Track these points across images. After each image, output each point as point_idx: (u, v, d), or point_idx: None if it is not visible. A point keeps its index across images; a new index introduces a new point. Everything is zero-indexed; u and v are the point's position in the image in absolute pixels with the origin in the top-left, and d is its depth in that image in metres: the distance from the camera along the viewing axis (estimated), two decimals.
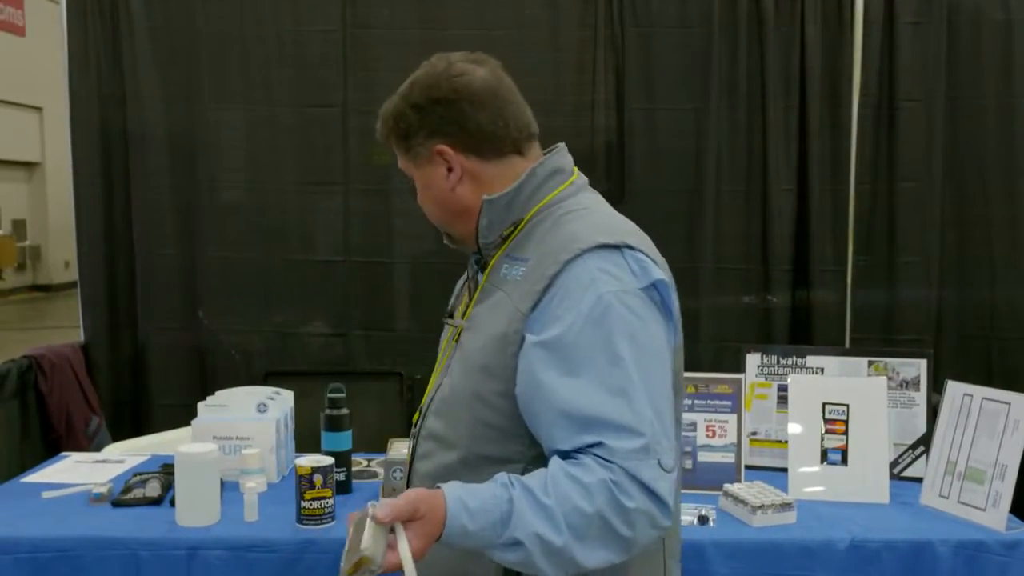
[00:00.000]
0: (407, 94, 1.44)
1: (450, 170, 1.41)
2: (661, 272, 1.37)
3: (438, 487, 1.23)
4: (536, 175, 1.42)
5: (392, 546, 1.18)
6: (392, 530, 1.18)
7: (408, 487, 1.40)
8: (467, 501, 1.20)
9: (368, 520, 1.17)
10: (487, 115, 1.40)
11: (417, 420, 1.50)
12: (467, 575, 1.34)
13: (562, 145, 1.50)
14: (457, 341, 1.44)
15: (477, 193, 1.41)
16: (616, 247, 1.33)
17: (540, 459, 1.31)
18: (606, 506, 1.20)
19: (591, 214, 1.42)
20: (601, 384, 1.25)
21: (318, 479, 2.12)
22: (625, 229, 1.41)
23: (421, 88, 1.43)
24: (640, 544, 1.24)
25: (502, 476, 1.24)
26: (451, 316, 1.53)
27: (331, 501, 2.15)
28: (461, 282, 1.59)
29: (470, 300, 1.46)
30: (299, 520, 2.14)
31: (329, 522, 2.14)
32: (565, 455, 1.25)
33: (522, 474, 1.26)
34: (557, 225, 1.38)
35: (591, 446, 1.23)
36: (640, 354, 1.27)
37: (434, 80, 1.42)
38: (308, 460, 2.16)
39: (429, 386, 1.50)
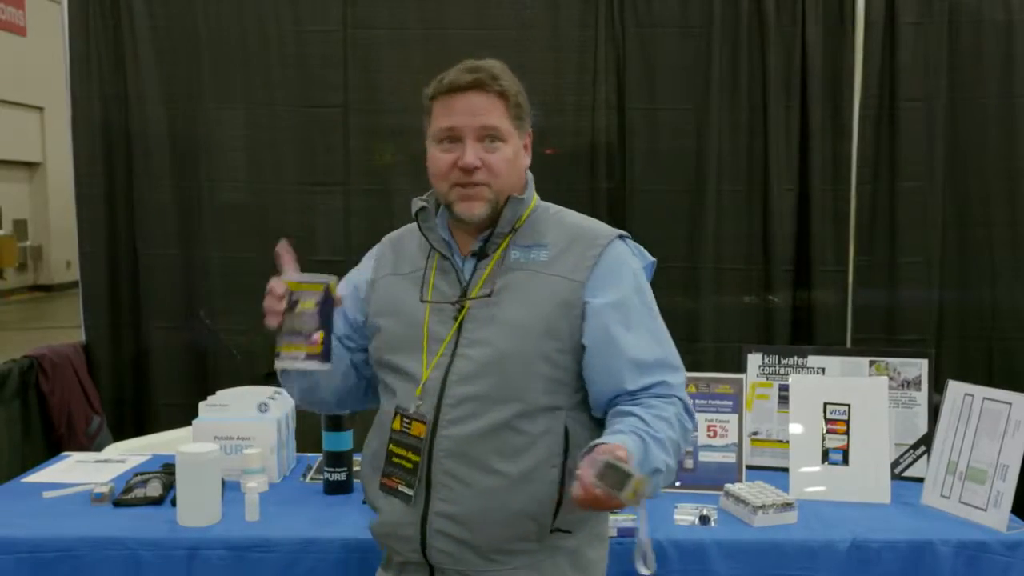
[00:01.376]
0: (516, 82, 1.68)
1: (526, 153, 1.71)
2: (648, 255, 1.76)
3: (604, 442, 1.44)
4: (531, 179, 1.75)
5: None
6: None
7: (436, 452, 1.60)
8: (629, 446, 1.45)
9: (609, 462, 1.34)
10: None
11: (422, 394, 1.63)
12: (524, 512, 1.59)
13: None
14: (461, 318, 1.64)
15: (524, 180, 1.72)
16: (621, 237, 1.72)
17: (580, 405, 1.65)
18: (681, 433, 1.58)
19: (575, 212, 1.78)
20: (652, 336, 1.65)
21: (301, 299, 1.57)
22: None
23: (520, 88, 1.69)
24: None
25: (623, 425, 1.52)
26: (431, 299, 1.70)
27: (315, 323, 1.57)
28: (419, 274, 1.73)
29: (467, 283, 1.67)
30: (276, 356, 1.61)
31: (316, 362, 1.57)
32: (631, 394, 1.59)
33: (565, 418, 1.61)
34: (560, 219, 1.74)
35: (655, 385, 1.60)
36: (659, 312, 1.70)
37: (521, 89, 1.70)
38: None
39: (428, 360, 1.64)
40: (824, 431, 2.46)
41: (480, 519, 1.60)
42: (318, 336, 1.55)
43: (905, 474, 2.55)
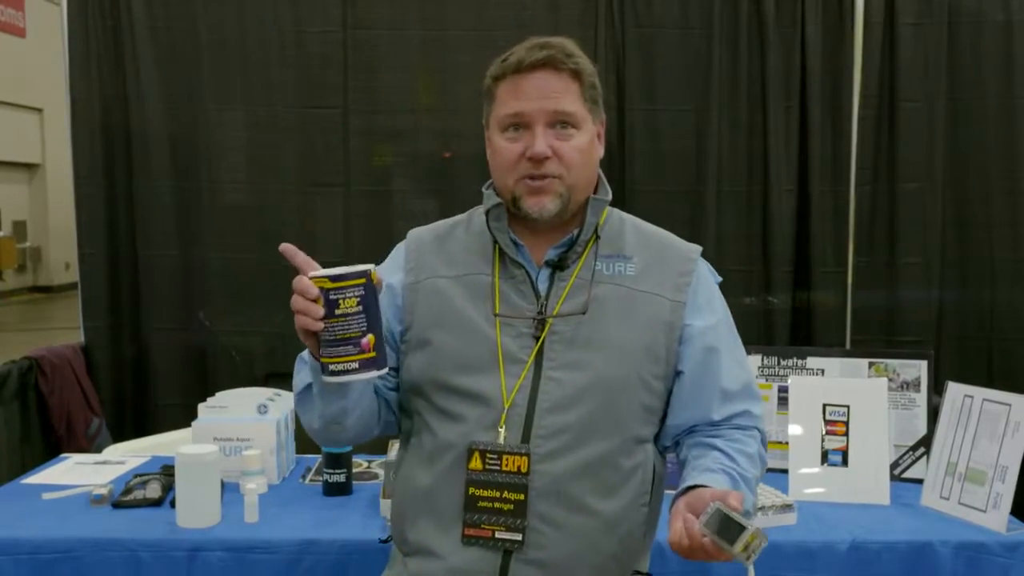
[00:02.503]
0: (589, 62, 1.52)
1: (600, 143, 1.56)
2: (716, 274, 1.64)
3: (700, 485, 1.35)
4: (602, 175, 1.58)
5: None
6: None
7: (532, 491, 1.42)
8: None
9: (721, 510, 1.25)
10: None
11: (507, 424, 1.45)
12: (614, 555, 1.47)
13: None
14: (544, 336, 1.47)
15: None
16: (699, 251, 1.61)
17: (656, 437, 1.53)
18: (761, 469, 1.51)
19: (639, 219, 1.65)
20: (739, 363, 1.56)
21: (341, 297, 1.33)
22: None
23: (593, 69, 1.53)
24: None
25: (711, 463, 1.42)
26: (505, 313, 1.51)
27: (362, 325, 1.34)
28: (478, 279, 1.52)
29: (545, 296, 1.49)
30: (325, 372, 1.36)
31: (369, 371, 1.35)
32: (714, 424, 1.50)
33: (651, 451, 1.50)
34: (636, 228, 1.60)
35: (738, 414, 1.51)
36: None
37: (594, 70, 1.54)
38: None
39: (510, 389, 1.45)
40: (823, 432, 2.46)
41: (568, 565, 1.44)
42: (368, 340, 1.33)
43: (904, 475, 2.55)
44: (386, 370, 1.36)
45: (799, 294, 3.56)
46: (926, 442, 2.52)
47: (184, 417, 2.78)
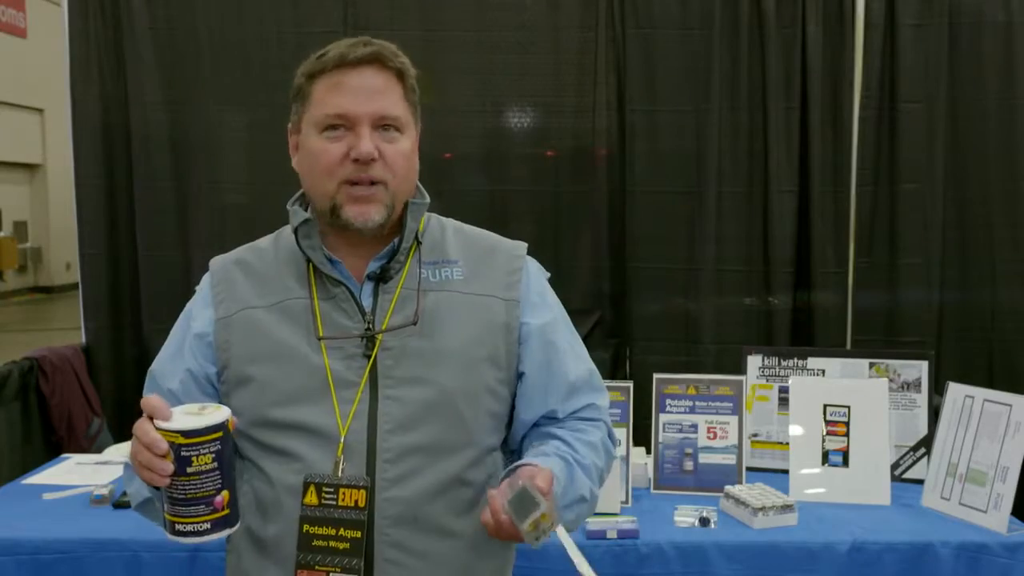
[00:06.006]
0: (407, 61, 1.41)
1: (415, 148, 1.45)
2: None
3: (532, 463, 1.30)
4: (419, 183, 1.47)
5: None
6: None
7: (378, 522, 1.32)
8: (555, 471, 1.31)
9: (526, 488, 1.20)
10: None
11: (344, 453, 1.32)
12: (471, 570, 1.39)
13: None
14: (375, 354, 1.35)
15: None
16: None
17: (501, 443, 1.47)
18: (606, 460, 1.47)
19: (456, 221, 1.55)
20: (579, 356, 1.50)
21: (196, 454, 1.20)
22: None
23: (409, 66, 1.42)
24: None
25: (548, 448, 1.39)
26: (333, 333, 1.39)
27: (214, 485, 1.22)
28: (296, 303, 1.40)
29: (371, 312, 1.38)
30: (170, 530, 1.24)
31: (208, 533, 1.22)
32: (559, 420, 1.45)
33: (499, 459, 1.44)
34: (457, 231, 1.50)
35: (583, 408, 1.47)
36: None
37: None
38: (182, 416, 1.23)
39: (344, 416, 1.33)
40: (824, 433, 2.46)
41: (440, 557, 1.35)
42: (223, 497, 1.20)
43: (905, 476, 2.55)
44: (239, 526, 1.25)
45: (800, 295, 3.56)
46: (927, 442, 2.52)
47: None
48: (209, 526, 1.20)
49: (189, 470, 1.18)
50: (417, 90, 1.42)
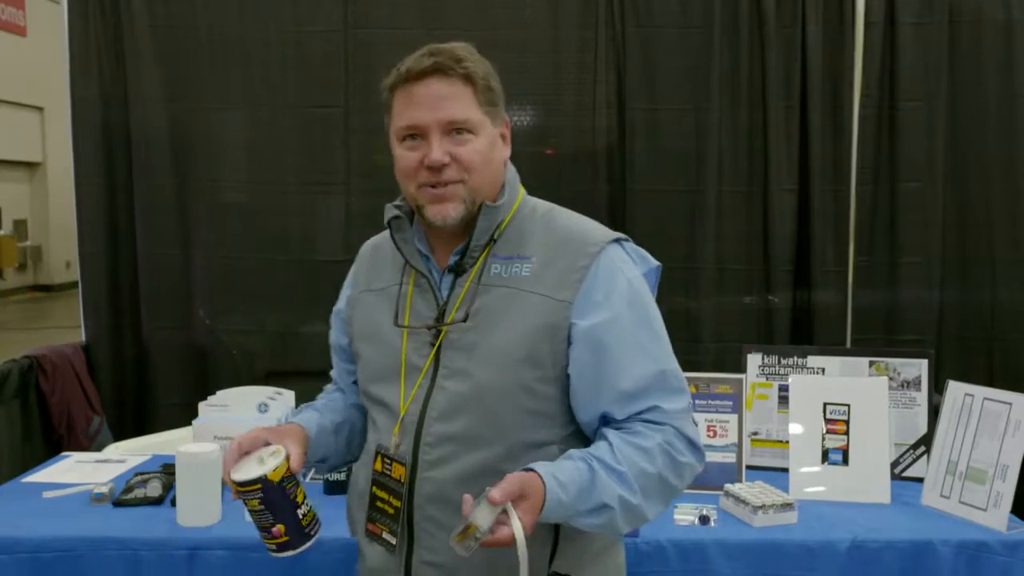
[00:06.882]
0: (485, 63, 1.49)
1: (504, 144, 1.54)
2: (652, 259, 1.56)
3: (529, 469, 1.33)
4: (511, 171, 1.56)
5: (504, 522, 1.27)
6: (504, 510, 1.28)
7: (417, 497, 1.46)
8: (558, 476, 1.33)
9: (482, 499, 1.27)
10: None
11: (400, 432, 1.49)
12: (499, 553, 1.35)
13: None
14: (439, 345, 1.48)
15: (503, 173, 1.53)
16: (617, 241, 1.52)
17: (573, 438, 1.49)
18: (664, 466, 1.41)
19: (567, 212, 1.57)
20: (647, 356, 1.45)
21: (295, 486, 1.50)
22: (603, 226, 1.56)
23: (489, 69, 1.50)
24: (682, 491, 1.48)
25: (573, 452, 1.39)
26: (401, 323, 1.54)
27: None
28: (395, 290, 1.57)
29: (444, 303, 1.50)
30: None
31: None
32: (618, 423, 1.44)
33: (558, 454, 1.42)
34: (548, 223, 1.53)
35: (646, 411, 1.43)
36: (663, 328, 1.50)
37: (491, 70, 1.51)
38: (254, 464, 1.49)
39: (406, 396, 1.49)
40: (824, 431, 2.46)
41: (467, 569, 1.42)
42: (279, 529, 1.47)
43: (905, 474, 2.55)
44: (310, 543, 1.49)
45: (800, 293, 3.56)
46: (927, 441, 2.52)
47: (185, 416, 2.78)
48: (275, 547, 1.48)
49: (246, 508, 1.47)
50: (496, 87, 1.50)
